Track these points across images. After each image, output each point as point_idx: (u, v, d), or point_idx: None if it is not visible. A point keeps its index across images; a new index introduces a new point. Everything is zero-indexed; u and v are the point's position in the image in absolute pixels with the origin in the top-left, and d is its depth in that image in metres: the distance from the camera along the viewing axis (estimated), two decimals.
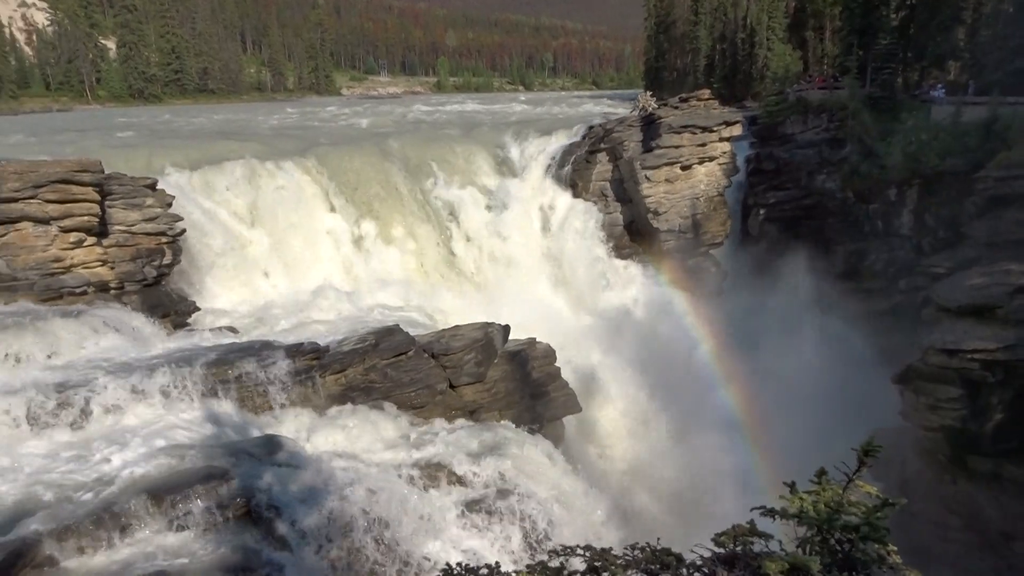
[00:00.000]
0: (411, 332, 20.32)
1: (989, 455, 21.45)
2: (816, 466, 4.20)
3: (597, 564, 4.53)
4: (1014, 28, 34.66)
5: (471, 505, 15.07)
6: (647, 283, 36.05)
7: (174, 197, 23.53)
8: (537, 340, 22.83)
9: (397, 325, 20.09)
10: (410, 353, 19.21)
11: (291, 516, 12.56)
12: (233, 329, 21.52)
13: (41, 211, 19.31)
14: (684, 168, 35.78)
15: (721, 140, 36.25)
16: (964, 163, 28.99)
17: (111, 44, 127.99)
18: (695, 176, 36.29)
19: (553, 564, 4.81)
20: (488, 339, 20.74)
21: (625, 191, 36.93)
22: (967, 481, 21.64)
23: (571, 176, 37.24)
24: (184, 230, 23.72)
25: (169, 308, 21.91)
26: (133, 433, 13.92)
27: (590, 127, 40.11)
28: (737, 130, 37.50)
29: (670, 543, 4.63)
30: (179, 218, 23.33)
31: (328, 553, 12.46)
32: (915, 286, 30.42)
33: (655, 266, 36.59)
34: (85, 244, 20.34)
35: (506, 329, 21.96)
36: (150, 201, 22.46)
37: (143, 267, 21.77)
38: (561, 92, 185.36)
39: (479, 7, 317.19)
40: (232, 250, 26.45)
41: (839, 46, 51.29)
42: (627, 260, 36.86)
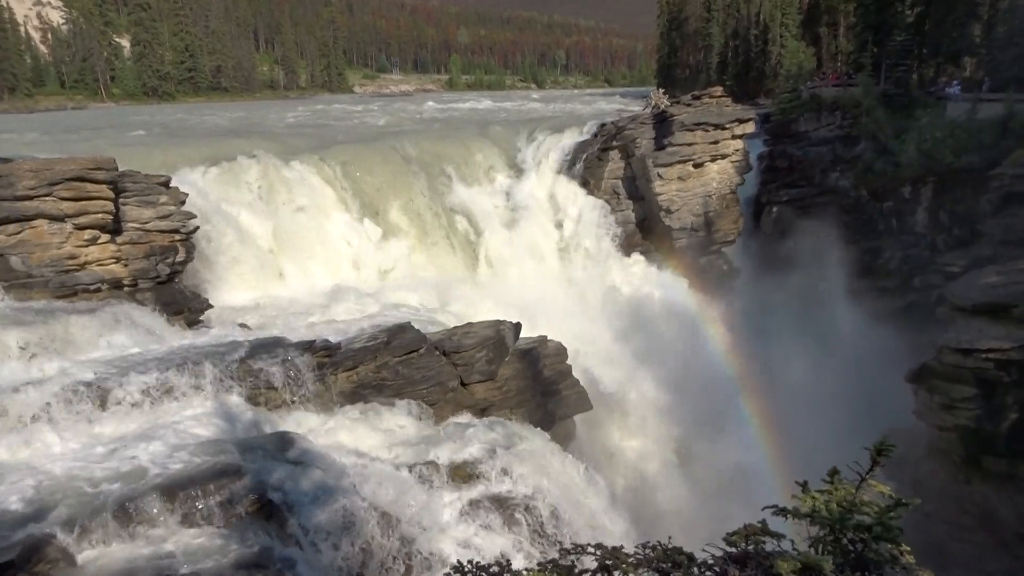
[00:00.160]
0: (423, 330, 20.34)
1: (1004, 455, 21.26)
2: (829, 465, 4.18)
3: (608, 563, 4.52)
4: None
5: (482, 502, 15.06)
6: (659, 281, 35.97)
7: (187, 195, 23.58)
8: (548, 338, 22.83)
9: (409, 322, 20.07)
10: (422, 350, 19.21)
11: (303, 513, 12.59)
12: (246, 326, 21.58)
13: (56, 208, 19.40)
14: (696, 166, 35.68)
15: (734, 137, 36.15)
16: (979, 160, 28.78)
17: (125, 42, 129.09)
18: (707, 174, 36.18)
19: (564, 562, 4.81)
20: (499, 337, 20.71)
21: (637, 189, 36.85)
22: (981, 481, 21.47)
23: (583, 174, 37.19)
24: (197, 227, 23.79)
25: (182, 305, 21.95)
26: (146, 429, 14.01)
27: (602, 125, 40.03)
28: (750, 127, 37.36)
29: (680, 541, 4.62)
30: (192, 215, 23.39)
31: (339, 549, 12.51)
32: (929, 284, 30.27)
33: (667, 264, 36.51)
34: (99, 241, 20.41)
35: (517, 327, 21.92)
36: (164, 199, 22.52)
37: (157, 264, 21.85)
38: (573, 90, 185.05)
39: (491, 4, 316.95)
40: (246, 248, 26.55)
41: (853, 42, 50.93)
42: (639, 257, 36.80)
